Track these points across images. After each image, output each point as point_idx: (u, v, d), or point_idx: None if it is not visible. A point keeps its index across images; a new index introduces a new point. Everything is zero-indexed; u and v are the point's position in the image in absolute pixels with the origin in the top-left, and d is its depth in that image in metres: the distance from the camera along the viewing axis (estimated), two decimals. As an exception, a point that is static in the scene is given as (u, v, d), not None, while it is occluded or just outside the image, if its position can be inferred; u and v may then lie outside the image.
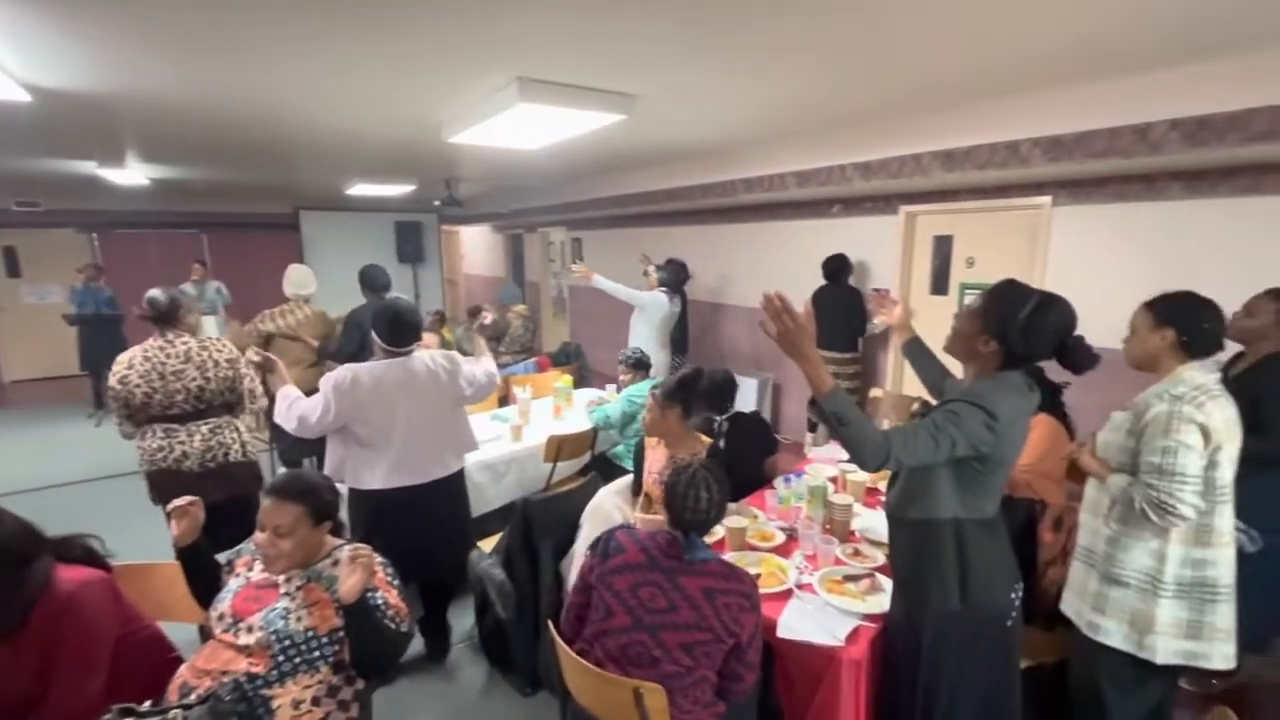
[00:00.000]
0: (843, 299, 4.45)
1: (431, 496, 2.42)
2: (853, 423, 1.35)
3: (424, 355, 2.45)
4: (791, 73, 2.55)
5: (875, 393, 3.45)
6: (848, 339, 4.49)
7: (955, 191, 3.95)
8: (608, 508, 2.39)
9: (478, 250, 11.79)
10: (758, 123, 3.58)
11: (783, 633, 1.74)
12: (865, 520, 2.39)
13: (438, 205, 7.30)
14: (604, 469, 3.28)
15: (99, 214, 7.96)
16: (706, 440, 2.55)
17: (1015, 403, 1.45)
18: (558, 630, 1.65)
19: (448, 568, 2.53)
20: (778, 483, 2.56)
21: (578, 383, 4.62)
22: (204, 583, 1.67)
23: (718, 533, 2.23)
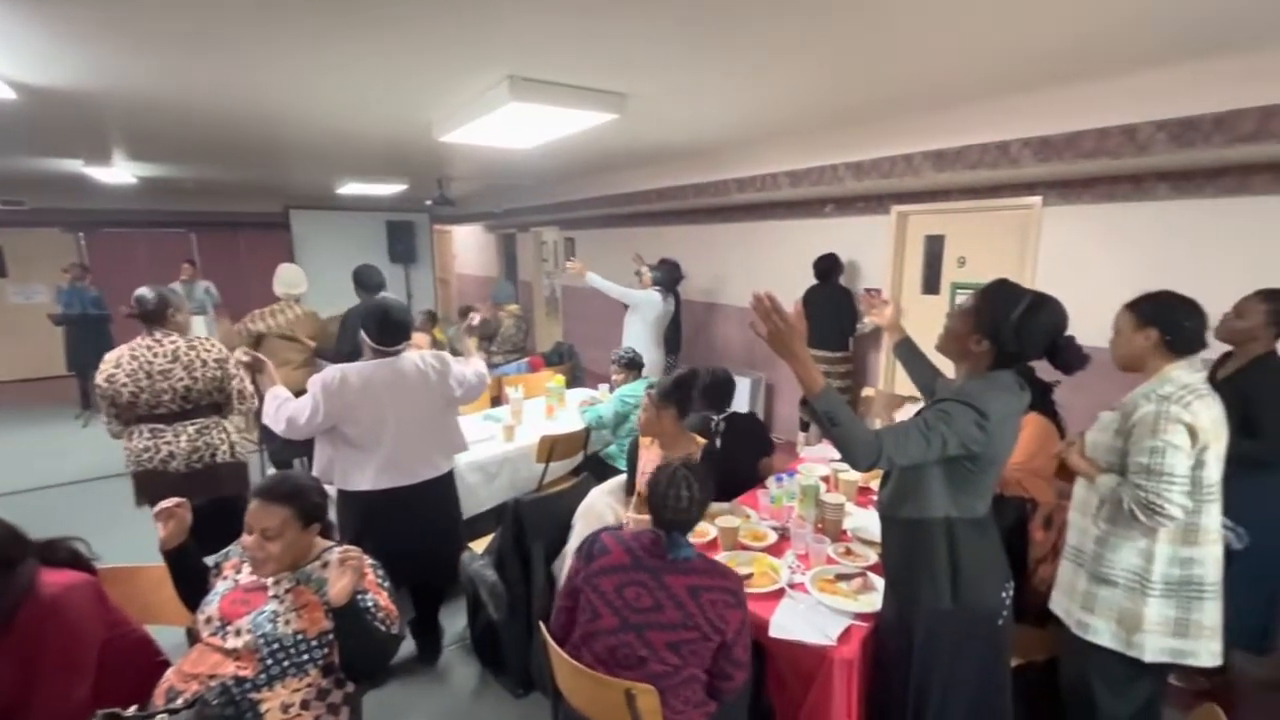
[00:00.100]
0: (833, 298, 4.46)
1: (421, 498, 2.41)
2: (844, 422, 1.35)
3: (414, 355, 2.43)
4: (791, 73, 2.56)
5: (867, 392, 3.47)
6: (839, 338, 4.50)
7: (946, 191, 3.96)
8: (600, 508, 2.38)
9: (470, 250, 11.75)
10: (753, 123, 3.58)
11: (775, 632, 1.75)
12: (857, 519, 2.39)
13: (430, 205, 7.26)
14: (597, 469, 3.28)
15: (86, 213, 7.86)
16: (701, 441, 2.55)
17: (1006, 402, 1.46)
18: (549, 631, 1.65)
19: (439, 569, 2.52)
20: (770, 482, 2.57)
21: (570, 382, 4.61)
22: (191, 585, 1.66)
23: (710, 533, 2.24)
